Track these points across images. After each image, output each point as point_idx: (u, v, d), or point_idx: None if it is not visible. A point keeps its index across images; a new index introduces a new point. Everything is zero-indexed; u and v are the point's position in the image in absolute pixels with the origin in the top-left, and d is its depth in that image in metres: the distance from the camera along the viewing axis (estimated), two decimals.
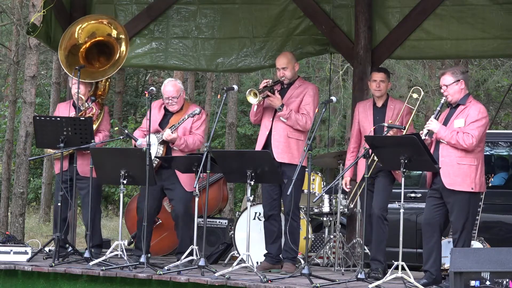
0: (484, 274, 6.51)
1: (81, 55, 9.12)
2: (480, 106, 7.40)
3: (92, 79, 8.92)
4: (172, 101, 8.50)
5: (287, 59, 8.30)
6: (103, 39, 9.15)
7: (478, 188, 7.31)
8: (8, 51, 21.45)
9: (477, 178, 7.29)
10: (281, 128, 8.14)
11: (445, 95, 7.42)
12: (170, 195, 8.54)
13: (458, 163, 7.28)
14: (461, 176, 7.26)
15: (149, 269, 7.66)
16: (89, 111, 8.72)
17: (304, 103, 8.17)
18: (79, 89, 8.66)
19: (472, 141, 7.22)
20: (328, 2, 9.90)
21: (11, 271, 7.93)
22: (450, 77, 7.41)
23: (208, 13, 10.27)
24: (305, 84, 8.36)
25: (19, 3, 17.37)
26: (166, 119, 8.56)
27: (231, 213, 17.11)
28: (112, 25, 9.17)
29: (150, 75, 27.03)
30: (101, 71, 9.04)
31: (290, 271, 7.93)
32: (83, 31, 9.14)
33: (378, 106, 8.16)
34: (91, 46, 9.18)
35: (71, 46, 9.09)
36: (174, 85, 8.54)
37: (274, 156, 7.92)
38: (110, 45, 9.13)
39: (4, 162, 17.20)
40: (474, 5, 9.42)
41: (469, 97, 7.44)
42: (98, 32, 9.16)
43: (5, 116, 21.67)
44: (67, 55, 9.04)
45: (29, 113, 14.01)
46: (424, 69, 19.98)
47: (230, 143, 18.67)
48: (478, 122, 7.29)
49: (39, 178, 23.04)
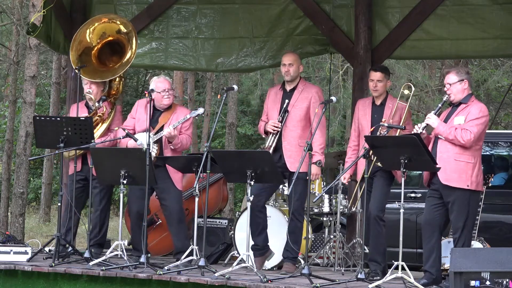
0: (484, 274, 6.51)
1: (94, 56, 9.12)
2: (482, 106, 7.41)
3: (102, 78, 8.92)
4: (168, 93, 8.53)
5: (294, 56, 8.39)
6: (113, 38, 9.14)
7: (475, 187, 7.30)
8: (8, 51, 21.46)
9: (474, 176, 7.29)
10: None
11: (448, 93, 7.44)
12: (162, 193, 8.53)
13: (455, 159, 7.28)
14: (458, 172, 7.26)
15: (149, 269, 7.66)
16: (99, 110, 8.74)
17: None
18: (78, 88, 8.73)
19: (470, 137, 7.22)
20: (328, 2, 9.90)
21: (11, 271, 7.94)
22: (455, 76, 7.42)
23: (208, 13, 10.27)
24: (309, 88, 8.36)
25: (19, 3, 17.36)
26: (155, 118, 8.57)
27: (231, 213, 17.12)
28: (117, 21, 9.15)
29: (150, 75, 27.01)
30: (111, 70, 9.03)
31: (290, 271, 7.93)
32: (93, 34, 9.13)
33: (377, 104, 8.16)
34: (103, 46, 9.17)
35: (83, 48, 9.08)
36: (165, 79, 8.64)
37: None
38: (121, 43, 9.13)
39: (4, 162, 17.20)
40: (474, 5, 9.42)
41: (471, 97, 7.45)
42: (108, 32, 9.14)
43: (5, 116, 21.69)
44: (79, 55, 9.03)
45: (29, 113, 14.01)
46: (424, 69, 19.99)
47: (230, 143, 18.68)
48: (478, 120, 7.30)
49: (39, 178, 23.05)
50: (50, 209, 20.54)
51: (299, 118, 8.21)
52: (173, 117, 8.52)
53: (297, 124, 8.21)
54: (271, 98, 8.43)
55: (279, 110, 8.26)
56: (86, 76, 8.82)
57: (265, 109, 8.51)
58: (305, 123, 8.21)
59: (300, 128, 8.21)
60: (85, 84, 8.85)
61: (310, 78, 20.28)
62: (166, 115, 8.56)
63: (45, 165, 20.71)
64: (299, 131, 8.20)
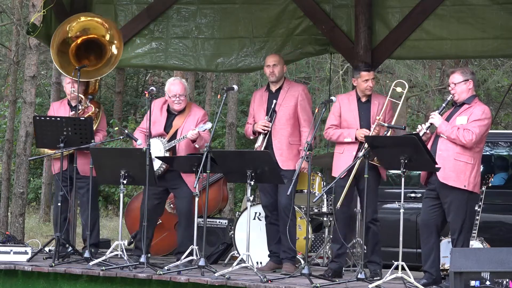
0: (484, 274, 6.51)
1: (71, 52, 9.05)
2: (485, 108, 7.42)
3: (88, 78, 8.91)
4: (180, 99, 8.50)
5: (278, 57, 8.48)
6: (95, 37, 9.08)
7: (472, 188, 7.29)
8: (8, 51, 21.45)
9: (472, 177, 7.28)
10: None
11: (452, 93, 7.46)
12: (175, 193, 8.56)
13: (455, 158, 7.28)
14: (456, 172, 7.26)
15: (149, 269, 7.66)
16: (88, 109, 8.73)
17: (303, 115, 8.25)
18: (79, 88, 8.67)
19: (471, 137, 7.22)
20: (328, 2, 9.90)
21: (11, 271, 7.94)
22: (460, 75, 7.44)
23: (208, 13, 10.26)
24: (294, 86, 8.44)
25: (19, 3, 17.35)
26: (169, 122, 8.56)
27: (231, 213, 17.10)
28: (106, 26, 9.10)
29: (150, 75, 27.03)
30: (96, 70, 9.00)
31: (290, 271, 7.94)
32: (75, 26, 9.07)
33: (363, 101, 8.15)
34: (80, 44, 9.10)
35: (60, 41, 9.00)
36: (180, 83, 8.58)
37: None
38: (101, 43, 9.08)
39: (4, 162, 17.18)
40: (474, 5, 9.42)
41: (475, 98, 7.46)
42: (91, 30, 9.10)
43: (5, 116, 21.66)
44: (56, 53, 8.98)
45: (29, 113, 14.00)
46: (424, 69, 19.98)
47: (230, 143, 18.67)
48: (481, 121, 7.30)
49: (39, 178, 23.03)
50: (50, 209, 20.50)
51: (288, 116, 8.27)
52: (187, 120, 8.51)
53: (287, 123, 8.27)
54: (257, 100, 8.50)
55: (266, 111, 8.33)
56: (70, 74, 8.76)
57: (251, 112, 8.57)
58: (294, 121, 8.29)
59: (289, 127, 8.27)
60: (67, 83, 8.82)
61: (310, 78, 20.28)
62: (180, 118, 8.55)
63: (45, 165, 20.69)
64: (289, 129, 8.27)
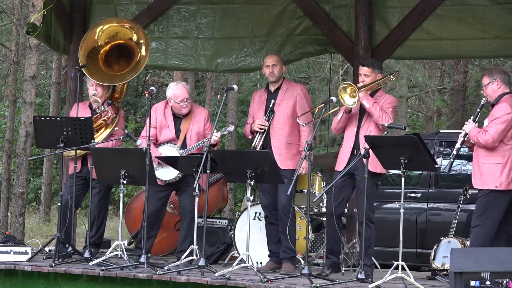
0: (484, 274, 6.51)
1: (101, 57, 9.06)
2: (503, 104, 7.45)
3: (111, 82, 8.88)
4: (186, 103, 8.50)
5: (277, 57, 8.51)
6: (124, 42, 9.08)
7: (505, 186, 7.32)
8: (8, 51, 21.45)
9: (504, 176, 7.30)
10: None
11: (484, 95, 7.60)
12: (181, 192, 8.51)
13: (482, 162, 7.39)
14: (485, 174, 7.34)
15: (149, 269, 7.66)
16: (104, 114, 8.72)
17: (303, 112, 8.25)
18: (78, 88, 8.70)
19: (488, 137, 7.31)
20: (328, 2, 9.90)
21: (11, 271, 7.94)
22: (487, 77, 7.59)
23: (208, 13, 10.26)
24: (293, 86, 8.46)
25: (19, 3, 17.36)
26: (177, 126, 8.57)
27: (231, 213, 17.11)
28: (133, 30, 9.08)
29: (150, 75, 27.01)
30: (120, 75, 8.98)
31: (290, 271, 7.93)
32: (103, 33, 9.07)
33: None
34: (111, 49, 9.10)
35: (90, 48, 9.02)
36: (183, 87, 8.61)
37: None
38: (130, 48, 9.06)
39: (4, 162, 17.19)
40: (474, 5, 9.41)
41: (503, 97, 7.50)
42: (119, 35, 9.08)
43: (5, 116, 21.68)
44: (86, 57, 8.98)
45: (29, 113, 14.02)
46: (424, 69, 19.98)
47: (230, 143, 18.68)
48: (497, 119, 7.37)
49: (39, 178, 23.04)
50: (50, 209, 20.54)
51: (287, 116, 8.29)
52: (193, 122, 8.53)
53: (285, 123, 8.28)
54: (256, 100, 8.53)
55: (265, 110, 8.35)
56: (94, 78, 8.77)
57: (250, 112, 8.60)
58: (292, 121, 8.29)
59: (288, 126, 8.28)
60: (91, 86, 8.81)
61: (310, 78, 20.28)
62: (186, 121, 8.56)
63: (45, 165, 20.70)
64: (288, 129, 8.27)
